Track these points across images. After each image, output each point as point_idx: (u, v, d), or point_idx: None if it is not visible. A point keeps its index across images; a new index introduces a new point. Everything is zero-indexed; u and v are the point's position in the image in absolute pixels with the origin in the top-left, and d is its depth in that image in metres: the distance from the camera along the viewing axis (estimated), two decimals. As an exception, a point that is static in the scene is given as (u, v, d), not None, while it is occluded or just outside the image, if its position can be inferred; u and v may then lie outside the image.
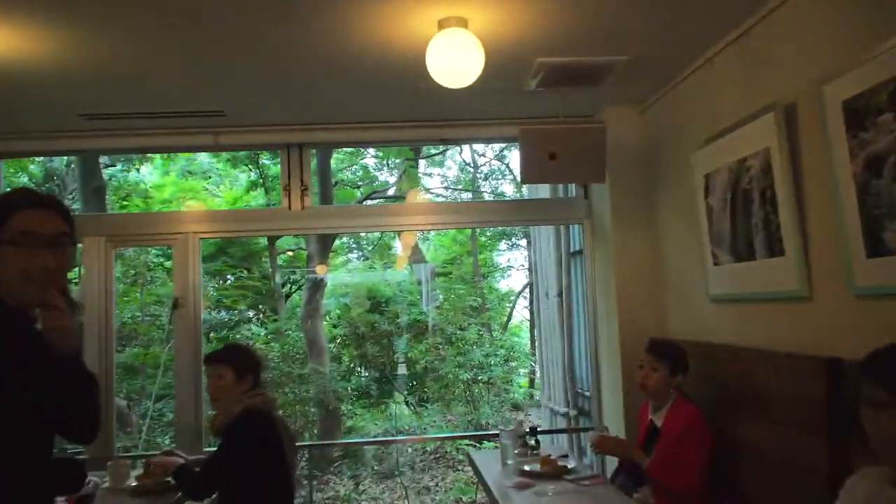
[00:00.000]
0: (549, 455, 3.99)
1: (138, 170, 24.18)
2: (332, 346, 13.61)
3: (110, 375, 5.02)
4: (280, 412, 3.89)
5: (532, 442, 4.22)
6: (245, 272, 26.91)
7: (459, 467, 9.96)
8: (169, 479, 3.57)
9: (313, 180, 11.62)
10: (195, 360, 4.99)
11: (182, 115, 4.64)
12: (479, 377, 10.72)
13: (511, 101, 4.63)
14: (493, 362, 11.14)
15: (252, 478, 3.41)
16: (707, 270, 3.92)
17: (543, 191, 6.71)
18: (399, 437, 9.83)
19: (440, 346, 11.63)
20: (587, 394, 5.74)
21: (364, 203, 14.52)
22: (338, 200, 14.74)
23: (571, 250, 6.13)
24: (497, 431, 4.31)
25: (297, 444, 5.17)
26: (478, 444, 8.71)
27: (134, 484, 3.70)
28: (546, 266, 6.59)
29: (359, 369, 13.45)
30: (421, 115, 4.99)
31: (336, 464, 10.22)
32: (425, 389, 12.31)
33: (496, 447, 4.34)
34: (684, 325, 4.35)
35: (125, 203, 23.20)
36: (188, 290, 5.15)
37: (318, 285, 11.64)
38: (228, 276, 27.46)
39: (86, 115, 4.53)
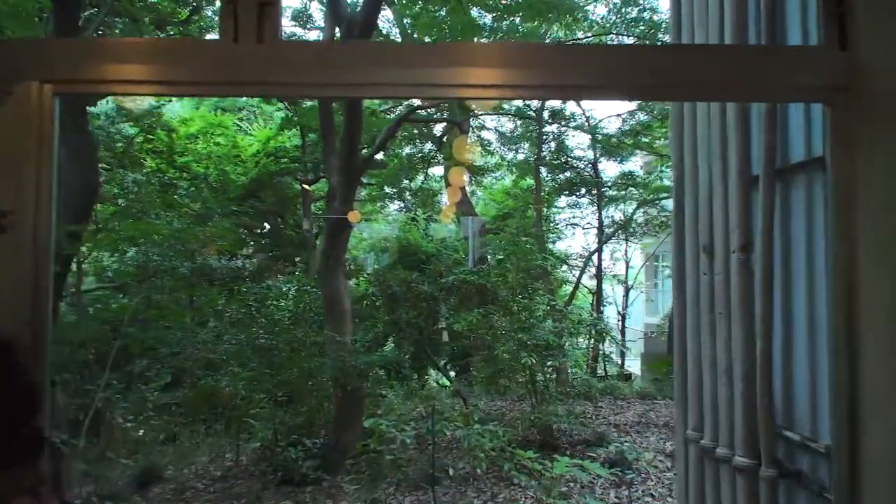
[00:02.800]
0: None
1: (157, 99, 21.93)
2: (360, 306, 11.06)
3: None
4: None
5: None
6: (279, 219, 24.72)
7: (517, 482, 7.31)
8: None
9: None
10: (30, 325, 2.39)
11: None
12: (548, 361, 8.04)
13: None
14: (566, 342, 8.43)
15: None
16: None
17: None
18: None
19: (493, 315, 8.92)
20: (798, 438, 3.03)
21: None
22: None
23: (780, 165, 3.29)
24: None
25: None
26: (549, 461, 6.10)
27: None
28: (706, 195, 3.77)
29: (390, 339, 10.90)
30: None
31: (349, 473, 7.68)
32: (472, 371, 9.76)
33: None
34: None
35: (150, 137, 21.04)
36: (26, 198, 2.51)
37: (340, 231, 8.99)
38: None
39: None
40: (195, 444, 11.76)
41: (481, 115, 16.00)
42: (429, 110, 13.12)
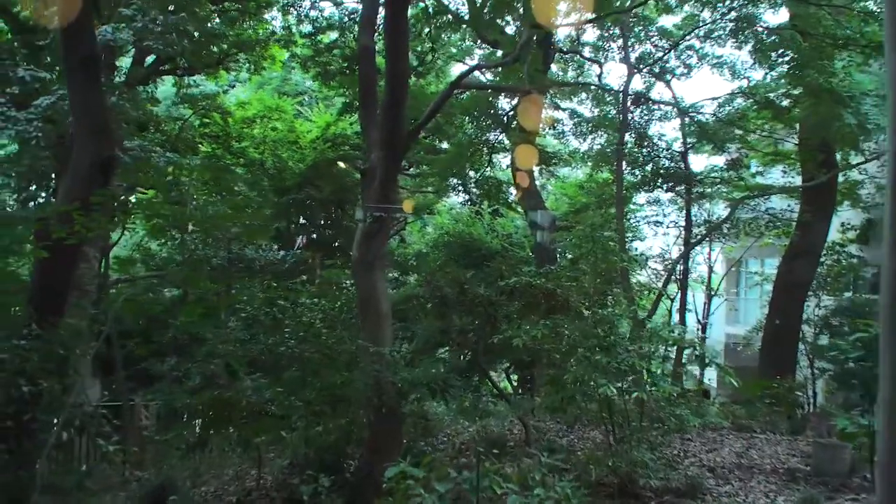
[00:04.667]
0: None
1: (217, 82, 21.00)
2: (405, 308, 9.57)
3: None
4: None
5: None
6: (339, 209, 23.42)
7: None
8: None
9: None
10: None
11: None
12: (631, 391, 6.34)
13: None
14: (655, 368, 6.69)
15: None
16: None
17: None
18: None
19: (564, 329, 7.26)
20: None
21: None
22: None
23: None
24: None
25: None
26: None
27: None
28: None
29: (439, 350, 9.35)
30: None
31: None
32: (535, 397, 8.11)
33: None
34: None
35: (206, 120, 20.04)
36: None
37: (380, 218, 7.47)
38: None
39: None
40: (225, 452, 10.54)
41: (554, 92, 14.18)
42: (491, 74, 11.38)
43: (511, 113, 15.38)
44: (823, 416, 10.83)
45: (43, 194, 14.37)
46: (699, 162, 18.49)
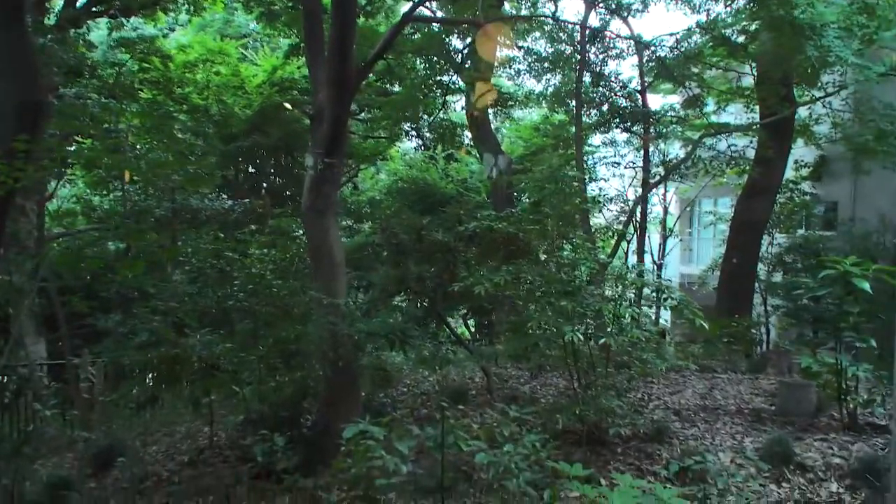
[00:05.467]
0: None
1: (155, 24, 19.94)
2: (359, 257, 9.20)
3: None
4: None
5: None
6: (289, 156, 22.63)
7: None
8: None
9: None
10: None
11: None
12: (597, 336, 6.16)
13: None
14: (623, 312, 6.47)
15: None
16: None
17: None
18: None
19: (526, 275, 6.99)
20: None
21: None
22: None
23: None
24: None
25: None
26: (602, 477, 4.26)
27: None
28: None
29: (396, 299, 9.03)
30: None
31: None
32: (494, 343, 7.90)
33: None
34: None
35: (146, 65, 18.99)
36: None
37: (330, 163, 7.03)
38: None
39: None
40: (177, 409, 10.20)
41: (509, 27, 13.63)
42: (442, 12, 10.78)
43: (465, 52, 14.85)
44: (782, 353, 10.87)
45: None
46: (655, 102, 18.25)
